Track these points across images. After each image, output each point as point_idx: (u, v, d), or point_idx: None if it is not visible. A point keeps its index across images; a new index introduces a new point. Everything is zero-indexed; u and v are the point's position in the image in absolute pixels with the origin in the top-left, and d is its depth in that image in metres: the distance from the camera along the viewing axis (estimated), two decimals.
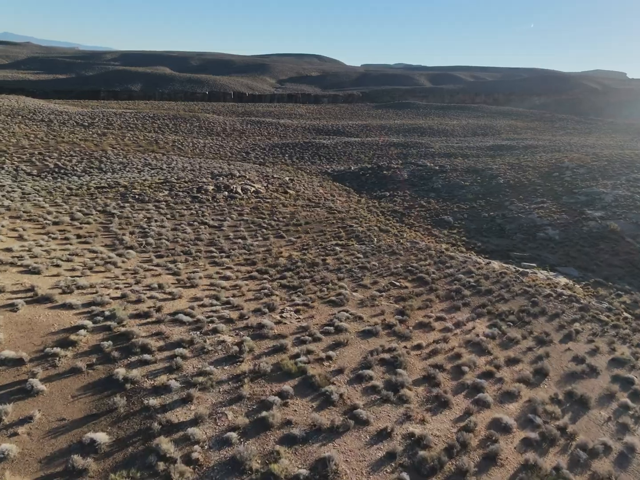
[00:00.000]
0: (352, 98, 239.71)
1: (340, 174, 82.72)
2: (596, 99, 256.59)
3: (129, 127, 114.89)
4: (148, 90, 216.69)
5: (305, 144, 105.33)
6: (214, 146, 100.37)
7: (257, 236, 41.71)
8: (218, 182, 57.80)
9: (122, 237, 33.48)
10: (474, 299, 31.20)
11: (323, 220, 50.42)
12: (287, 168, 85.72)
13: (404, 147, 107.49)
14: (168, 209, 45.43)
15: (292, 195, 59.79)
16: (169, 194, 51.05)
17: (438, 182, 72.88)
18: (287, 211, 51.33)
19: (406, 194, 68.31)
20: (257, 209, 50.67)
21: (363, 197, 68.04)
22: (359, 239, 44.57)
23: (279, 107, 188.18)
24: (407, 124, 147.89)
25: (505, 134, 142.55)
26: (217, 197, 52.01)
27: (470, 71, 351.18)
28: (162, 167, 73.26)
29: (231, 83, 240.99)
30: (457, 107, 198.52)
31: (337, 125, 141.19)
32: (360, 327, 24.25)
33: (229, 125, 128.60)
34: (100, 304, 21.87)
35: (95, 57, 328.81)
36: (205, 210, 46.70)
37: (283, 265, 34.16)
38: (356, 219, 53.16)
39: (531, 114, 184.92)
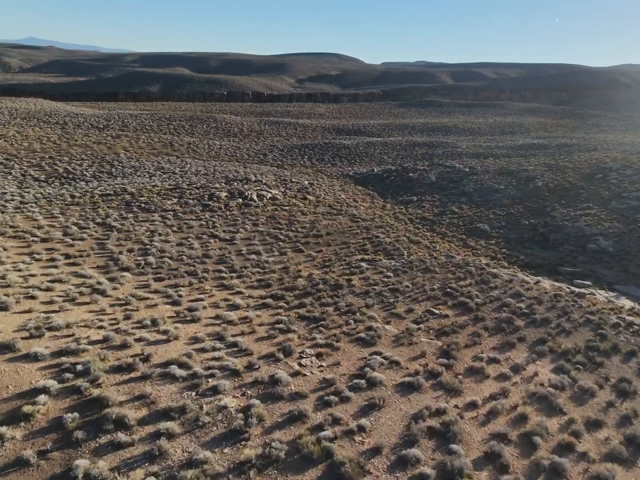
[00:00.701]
0: (372, 97, 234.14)
1: (362, 176, 77.85)
2: (628, 94, 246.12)
3: (144, 129, 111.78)
4: (166, 92, 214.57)
5: (325, 145, 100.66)
6: (231, 148, 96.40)
7: (272, 251, 37.20)
8: (232, 188, 53.50)
9: (118, 257, 29.27)
10: (530, 332, 26.14)
11: (346, 230, 45.70)
12: (306, 171, 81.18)
13: (429, 147, 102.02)
14: (175, 220, 41.21)
15: (312, 202, 55.16)
16: (178, 202, 46.88)
17: (469, 185, 67.47)
18: (307, 220, 46.73)
19: (435, 199, 63.12)
20: (273, 218, 46.18)
21: (388, 202, 63.08)
22: (387, 253, 39.75)
23: (298, 107, 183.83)
24: (431, 122, 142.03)
25: (535, 132, 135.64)
26: (230, 205, 47.66)
27: (493, 68, 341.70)
28: (175, 171, 69.38)
29: (249, 83, 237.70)
30: (482, 105, 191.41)
31: (357, 124, 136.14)
32: (399, 378, 19.49)
33: (247, 125, 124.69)
34: (73, 352, 17.53)
35: (115, 59, 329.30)
36: (217, 221, 42.35)
37: (302, 287, 29.55)
38: (382, 228, 48.32)
39: (561, 111, 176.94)
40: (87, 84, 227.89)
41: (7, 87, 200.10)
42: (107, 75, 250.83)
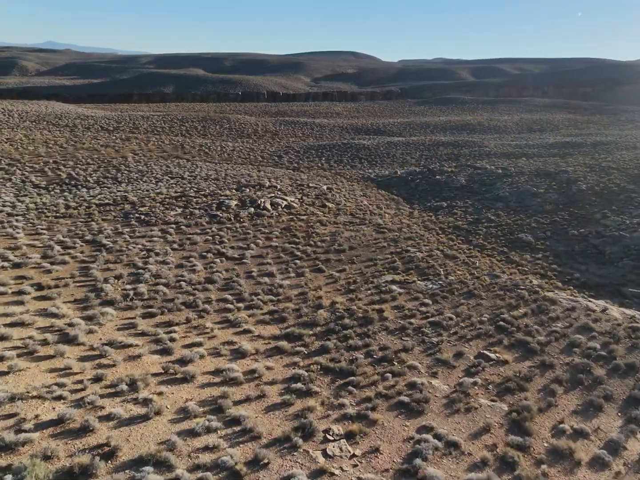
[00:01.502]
0: (390, 95, 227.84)
1: (385, 179, 72.27)
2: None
3: (155, 131, 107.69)
4: (180, 92, 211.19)
5: (343, 146, 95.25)
6: (244, 150, 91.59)
7: (288, 271, 32.00)
8: (243, 196, 48.45)
9: (103, 286, 24.31)
10: (615, 385, 20.49)
11: (371, 243, 40.32)
12: (324, 173, 75.89)
13: (454, 147, 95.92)
14: (177, 235, 36.25)
15: (332, 210, 49.86)
16: (183, 213, 41.97)
17: (504, 188, 61.46)
18: (327, 232, 41.44)
19: (467, 205, 57.31)
20: (289, 229, 40.98)
21: (415, 208, 57.46)
22: (421, 272, 34.28)
23: (314, 106, 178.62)
24: (453, 120, 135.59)
25: (565, 129, 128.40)
26: (240, 216, 42.58)
27: (514, 63, 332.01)
28: (184, 175, 64.69)
29: (265, 83, 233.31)
30: (506, 101, 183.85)
31: (377, 123, 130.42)
32: (462, 473, 14.08)
33: (261, 126, 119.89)
34: (8, 447, 12.48)
35: (131, 61, 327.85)
36: (225, 235, 37.29)
37: (323, 322, 24.31)
38: (412, 239, 42.84)
39: (590, 107, 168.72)
40: (102, 85, 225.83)
41: (22, 91, 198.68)
42: (121, 76, 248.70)
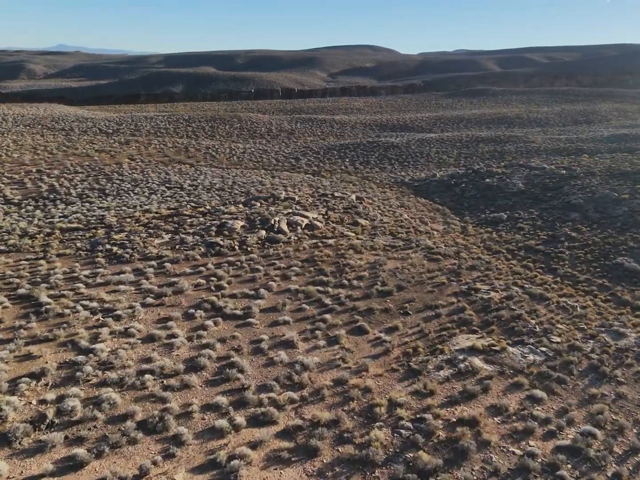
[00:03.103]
0: (413, 88, 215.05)
1: (422, 184, 60.88)
2: None
3: (158, 133, 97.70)
4: (190, 92, 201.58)
5: (369, 145, 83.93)
6: (256, 152, 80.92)
7: (315, 335, 21.21)
8: (253, 213, 37.64)
9: (4, 399, 13.61)
10: None
11: (425, 278, 29.21)
12: (349, 178, 64.77)
13: (496, 143, 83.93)
14: (157, 278, 25.57)
15: (366, 228, 38.77)
16: (171, 241, 31.32)
17: (574, 193, 49.62)
18: (364, 263, 30.44)
19: (533, 216, 45.67)
20: (313, 261, 30.07)
21: (468, 222, 46.01)
22: (506, 327, 23.23)
23: (332, 102, 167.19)
24: (488, 113, 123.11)
25: (616, 120, 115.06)
26: (248, 243, 31.77)
27: (544, 52, 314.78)
28: (183, 185, 54.22)
29: (279, 79, 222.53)
30: (541, 92, 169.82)
31: (403, 119, 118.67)
32: None
33: (275, 124, 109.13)
34: None
35: (140, 61, 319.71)
36: (225, 275, 26.49)
37: (383, 457, 13.41)
38: (477, 269, 31.64)
39: (638, 94, 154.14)
40: (109, 87, 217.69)
41: (27, 94, 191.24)
42: (129, 77, 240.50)
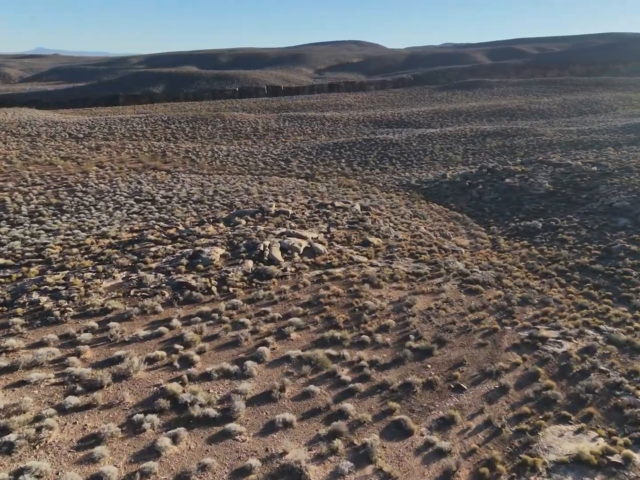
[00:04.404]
0: (402, 82, 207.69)
1: (432, 186, 53.31)
2: None
3: (133, 136, 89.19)
4: (171, 92, 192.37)
5: (365, 143, 76.23)
6: (241, 154, 72.86)
7: (334, 449, 13.43)
8: (236, 235, 29.73)
9: None
10: None
11: (469, 321, 21.63)
12: (348, 182, 57.03)
13: (503, 137, 76.69)
14: (94, 350, 17.68)
15: (380, 249, 31.01)
16: (125, 282, 23.37)
17: (616, 194, 42.31)
18: (385, 305, 22.74)
19: (573, 223, 38.23)
20: (318, 305, 22.29)
21: (495, 232, 38.46)
22: (611, 410, 15.65)
23: (321, 99, 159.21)
24: (487, 106, 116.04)
25: (622, 109, 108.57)
26: (229, 282, 23.88)
27: (533, 43, 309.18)
28: (155, 197, 46.09)
29: (264, 77, 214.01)
30: (537, 82, 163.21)
31: (398, 114, 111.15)
32: None
33: (262, 123, 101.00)
34: None
35: (120, 62, 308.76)
36: (195, 339, 18.61)
37: None
38: (531, 303, 24.17)
39: (639, 82, 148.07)
40: (86, 89, 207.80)
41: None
42: (108, 78, 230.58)
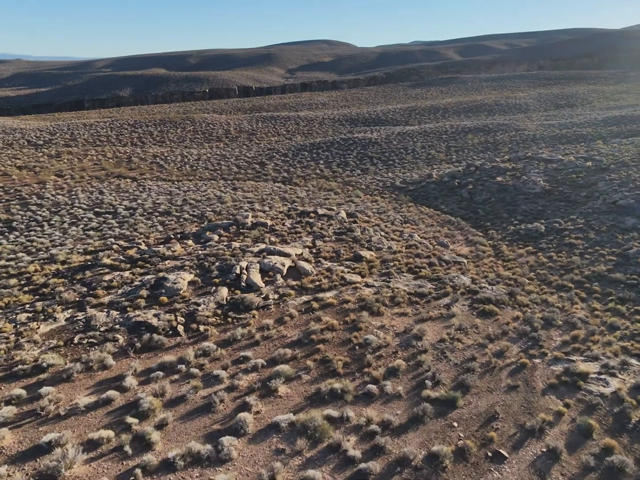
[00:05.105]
0: (375, 80, 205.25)
1: (419, 187, 49.98)
2: None
3: (97, 142, 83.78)
4: (139, 95, 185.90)
5: (344, 142, 72.64)
6: (213, 158, 68.45)
7: None
8: (207, 255, 25.67)
9: None
10: None
11: (491, 356, 18.12)
12: (328, 185, 53.29)
13: (485, 133, 74.11)
14: (16, 434, 13.36)
15: (374, 264, 27.28)
16: (70, 324, 19.09)
17: (618, 191, 39.59)
18: (390, 339, 19.04)
19: (578, 225, 35.25)
20: (309, 344, 18.44)
21: (495, 237, 35.18)
22: None
23: (294, 98, 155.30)
24: (464, 101, 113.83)
25: (598, 102, 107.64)
26: (199, 319, 19.81)
27: (501, 39, 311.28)
28: (118, 209, 41.51)
29: (235, 77, 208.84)
30: (511, 77, 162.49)
31: (374, 112, 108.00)
32: None
33: (234, 125, 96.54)
34: None
35: (86, 66, 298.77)
36: (154, 406, 14.50)
37: None
38: (555, 325, 20.93)
39: (610, 75, 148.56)
40: (50, 94, 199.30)
41: None
42: (74, 83, 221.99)
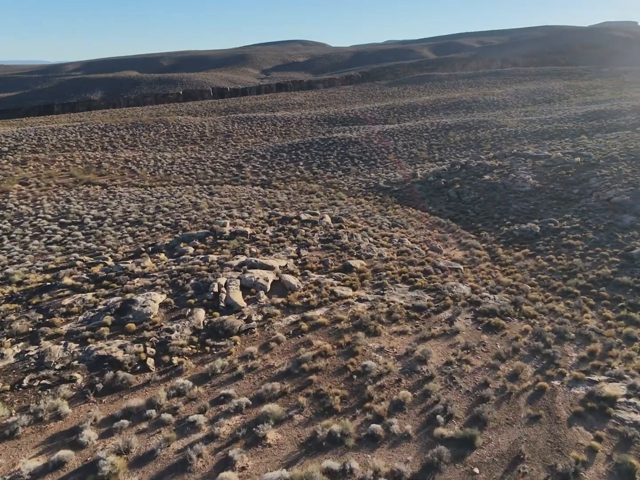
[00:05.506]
0: (351, 79, 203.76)
1: (404, 188, 48.16)
2: (629, 49, 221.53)
3: (66, 147, 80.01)
4: (111, 98, 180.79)
5: (323, 142, 70.52)
6: (188, 161, 65.62)
7: None
8: (181, 271, 23.21)
9: None
10: None
11: (503, 378, 16.28)
12: (310, 187, 51.09)
13: (466, 130, 72.87)
14: None
15: (365, 274, 25.15)
16: (18, 363, 16.44)
17: (611, 187, 38.31)
18: (391, 364, 17.02)
19: (575, 224, 33.73)
20: (301, 375, 16.17)
21: (488, 239, 33.44)
22: None
23: (270, 98, 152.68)
24: (442, 99, 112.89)
25: (574, 97, 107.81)
26: (171, 349, 17.28)
27: (475, 37, 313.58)
28: (85, 219, 38.59)
29: (209, 79, 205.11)
30: (487, 74, 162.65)
31: (352, 110, 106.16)
32: None
33: (209, 127, 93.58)
34: None
35: (55, 70, 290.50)
36: (118, 466, 12.06)
37: None
38: (567, 338, 19.24)
39: (583, 71, 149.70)
40: (18, 99, 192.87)
41: None
42: (42, 87, 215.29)
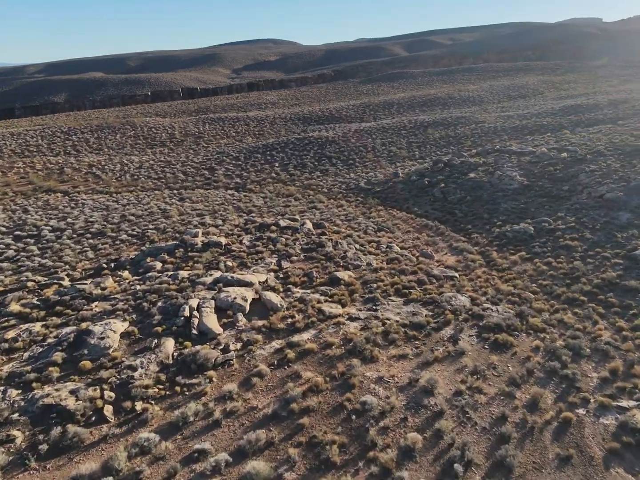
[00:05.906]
0: (324, 78, 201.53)
1: (386, 187, 45.94)
2: (597, 44, 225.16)
3: (26, 152, 75.44)
4: (75, 100, 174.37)
5: (299, 142, 67.87)
6: (157, 165, 62.17)
7: None
8: (147, 292, 20.32)
9: None
10: None
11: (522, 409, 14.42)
12: (287, 190, 48.41)
13: (445, 127, 71.22)
14: None
15: (355, 288, 22.66)
16: None
17: (603, 183, 36.72)
18: (395, 400, 14.77)
19: (570, 223, 31.93)
20: (289, 418, 13.60)
21: (480, 242, 31.38)
22: None
23: (242, 98, 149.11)
24: (417, 96, 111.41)
25: (549, 92, 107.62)
26: (134, 392, 14.46)
27: (446, 34, 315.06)
28: (43, 231, 35.12)
29: (178, 79, 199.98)
30: (461, 71, 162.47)
31: (327, 109, 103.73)
32: None
33: (179, 128, 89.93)
34: None
35: (15, 72, 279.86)
36: None
37: None
38: (583, 355, 17.40)
39: (555, 66, 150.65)
40: None
41: None
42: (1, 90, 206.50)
